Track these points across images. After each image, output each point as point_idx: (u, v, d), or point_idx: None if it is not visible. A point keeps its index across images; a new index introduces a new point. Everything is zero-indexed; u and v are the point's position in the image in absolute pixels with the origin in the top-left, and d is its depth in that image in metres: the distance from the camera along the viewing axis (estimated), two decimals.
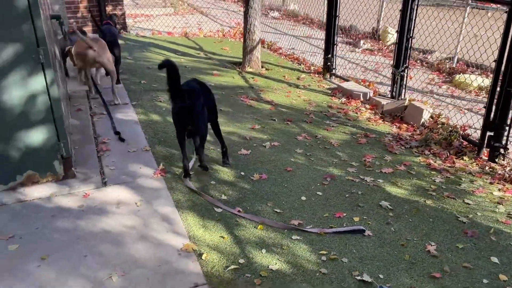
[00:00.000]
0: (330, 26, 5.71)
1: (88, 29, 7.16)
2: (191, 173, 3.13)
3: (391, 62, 4.89)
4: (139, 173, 3.12)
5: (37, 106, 2.71)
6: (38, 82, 2.67)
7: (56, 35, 3.92)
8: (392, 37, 8.07)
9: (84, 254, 2.32)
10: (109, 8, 7.59)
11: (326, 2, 5.77)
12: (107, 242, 2.41)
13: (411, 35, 4.48)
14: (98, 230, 2.51)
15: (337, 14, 5.60)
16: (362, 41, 8.35)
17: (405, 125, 4.36)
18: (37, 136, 2.78)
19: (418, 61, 7.17)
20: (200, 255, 2.35)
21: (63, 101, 3.12)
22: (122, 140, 3.60)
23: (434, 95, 5.47)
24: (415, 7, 4.38)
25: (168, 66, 2.72)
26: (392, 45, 7.96)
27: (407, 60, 4.62)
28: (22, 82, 2.62)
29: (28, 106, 2.69)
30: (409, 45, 4.55)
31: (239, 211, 2.75)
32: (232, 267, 2.27)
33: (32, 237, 2.44)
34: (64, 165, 2.94)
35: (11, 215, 2.63)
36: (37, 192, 2.84)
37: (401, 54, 4.60)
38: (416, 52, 7.53)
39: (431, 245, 2.54)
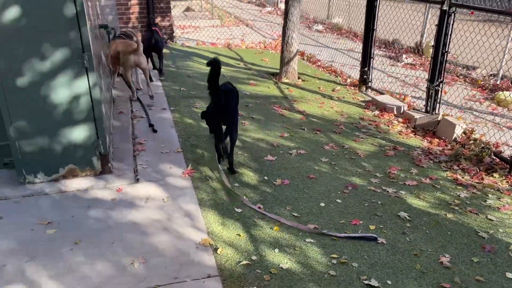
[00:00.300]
0: (368, 39, 5.76)
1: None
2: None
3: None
4: (169, 172, 3.34)
5: (80, 106, 3.00)
6: (82, 85, 2.95)
7: (103, 43, 4.26)
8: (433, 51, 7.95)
9: (111, 242, 2.54)
10: (158, 19, 8.03)
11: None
12: (133, 232, 2.62)
13: (446, 49, 4.46)
14: (126, 221, 2.73)
15: (375, 28, 5.65)
16: (404, 56, 8.28)
17: (437, 140, 4.33)
18: (78, 133, 3.06)
19: (461, 77, 7.02)
20: (216, 249, 2.50)
21: (105, 104, 3.41)
22: (155, 131, 4.04)
23: (474, 111, 5.36)
24: (451, 22, 4.36)
25: (213, 65, 3.01)
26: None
27: (442, 75, 4.59)
28: (68, 84, 2.91)
29: (72, 105, 2.98)
30: (444, 60, 4.52)
31: (259, 207, 2.89)
32: (244, 262, 2.40)
33: (68, 224, 2.70)
34: (101, 161, 3.21)
35: (52, 203, 2.91)
36: (76, 184, 3.12)
37: (436, 69, 4.57)
38: (460, 68, 7.38)
39: (445, 257, 2.55)
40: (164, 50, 5.66)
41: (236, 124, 3.38)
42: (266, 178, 3.37)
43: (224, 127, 3.37)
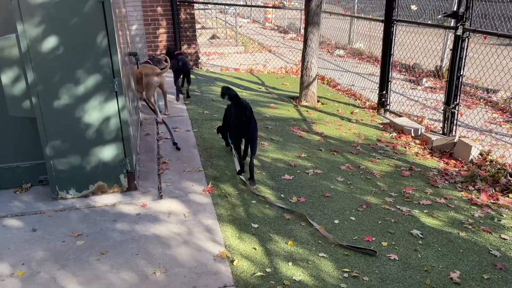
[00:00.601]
0: (385, 63, 5.91)
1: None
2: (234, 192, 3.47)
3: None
4: (190, 189, 3.53)
5: (110, 127, 3.24)
6: (111, 107, 3.20)
7: (131, 68, 4.56)
8: None
9: (135, 253, 2.72)
10: (184, 47, 8.42)
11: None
12: (156, 244, 2.79)
13: (461, 73, 4.56)
14: (149, 234, 2.91)
15: (392, 53, 5.80)
16: (424, 79, 8.36)
17: (453, 161, 4.39)
18: (108, 152, 3.30)
19: (482, 100, 7.04)
20: (232, 261, 2.64)
21: (133, 125, 3.65)
22: (178, 149, 4.36)
23: (493, 133, 5.38)
24: (465, 46, 4.47)
25: (229, 94, 3.57)
26: None
27: (458, 98, 4.67)
28: (99, 106, 3.17)
29: (103, 126, 3.22)
30: (460, 83, 4.61)
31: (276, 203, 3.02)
32: (259, 274, 2.53)
33: (95, 236, 2.90)
34: (128, 179, 3.43)
35: (81, 217, 3.13)
36: (104, 200, 3.34)
37: (452, 92, 4.67)
38: (480, 91, 7.40)
39: (455, 273, 2.61)
40: (191, 75, 6.08)
41: (256, 137, 3.73)
42: (282, 195, 3.51)
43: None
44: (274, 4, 19.96)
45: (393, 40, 5.77)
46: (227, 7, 15.58)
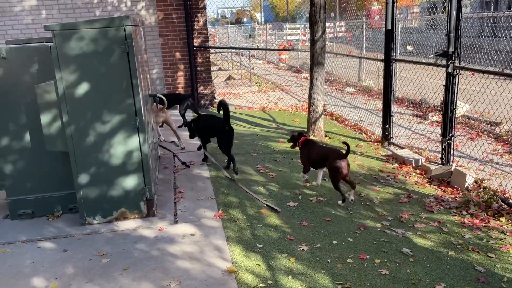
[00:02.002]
0: (387, 99, 6.30)
1: None
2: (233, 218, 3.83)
3: (457, 133, 5.24)
4: (203, 215, 3.90)
5: (132, 159, 3.69)
6: (134, 142, 3.66)
7: (151, 108, 5.07)
8: (461, 109, 8.33)
9: (153, 268, 3.08)
10: (200, 88, 9.02)
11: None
12: (171, 261, 3.15)
13: (454, 107, 4.91)
14: (166, 253, 3.28)
15: (392, 89, 6.20)
16: (430, 114, 8.70)
17: (450, 189, 4.66)
18: (130, 182, 3.73)
19: (485, 132, 7.31)
20: (238, 275, 2.97)
21: (152, 159, 4.10)
22: (188, 166, 5.20)
23: (493, 163, 5.63)
24: (456, 82, 4.85)
25: (223, 106, 4.73)
26: (460, 117, 8.21)
27: (453, 130, 5.00)
28: (123, 141, 3.63)
29: (126, 158, 3.67)
30: (454, 116, 4.96)
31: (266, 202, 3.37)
32: (261, 285, 2.86)
33: (118, 255, 3.28)
34: (147, 206, 3.83)
35: (106, 240, 3.52)
36: (126, 225, 3.73)
37: (447, 124, 5.00)
38: (484, 124, 7.69)
39: (440, 285, 2.87)
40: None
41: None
42: (286, 220, 3.85)
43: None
44: (285, 46, 20.79)
45: (392, 78, 6.19)
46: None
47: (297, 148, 4.70)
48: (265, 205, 4.13)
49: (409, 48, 8.40)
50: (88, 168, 3.63)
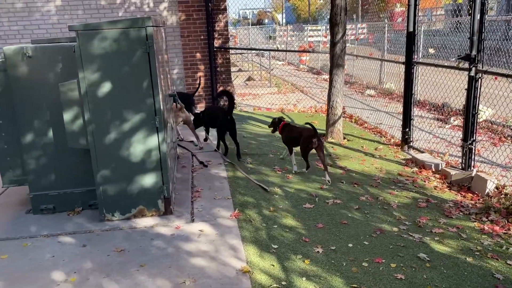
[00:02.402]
0: (407, 102, 6.22)
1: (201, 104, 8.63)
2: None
3: (479, 137, 5.15)
4: (219, 214, 3.94)
5: (151, 158, 3.75)
6: (153, 141, 3.72)
7: (171, 108, 5.14)
8: (483, 114, 8.16)
9: (169, 265, 3.12)
10: (220, 88, 9.07)
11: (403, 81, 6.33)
12: (186, 259, 3.19)
13: (476, 111, 4.82)
14: (181, 250, 3.32)
15: (413, 92, 6.12)
16: (452, 118, 8.55)
17: (470, 195, 4.58)
18: (148, 180, 3.79)
19: (508, 138, 7.15)
20: (252, 275, 2.99)
21: (170, 158, 4.15)
22: (206, 166, 5.24)
23: None
24: (479, 86, 4.76)
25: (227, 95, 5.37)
26: (483, 122, 8.05)
27: (474, 134, 4.91)
28: (142, 140, 3.70)
29: (145, 157, 3.73)
30: (475, 120, 4.87)
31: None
32: (275, 285, 2.87)
33: (136, 251, 3.34)
34: (165, 204, 3.89)
35: (124, 236, 3.59)
36: (144, 222, 3.79)
37: (468, 129, 4.92)
38: (507, 129, 7.52)
39: None
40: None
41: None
42: (302, 221, 3.85)
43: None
44: (305, 48, 20.73)
45: (413, 80, 6.11)
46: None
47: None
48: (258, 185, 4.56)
49: (431, 50, 8.27)
50: (108, 165, 3.70)
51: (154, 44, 3.57)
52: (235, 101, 5.29)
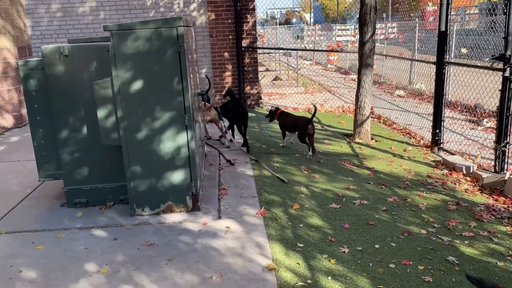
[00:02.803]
0: (438, 103, 6.11)
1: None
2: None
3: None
4: (245, 212, 3.98)
5: (180, 155, 3.83)
6: (182, 138, 3.80)
7: (199, 106, 5.22)
8: None
9: (196, 260, 3.19)
10: (247, 88, 9.14)
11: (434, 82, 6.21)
12: (213, 255, 3.25)
13: (510, 113, 4.69)
14: (208, 246, 3.38)
15: (444, 93, 6.00)
16: (485, 120, 8.32)
17: (503, 198, 4.46)
18: (177, 176, 3.87)
19: None
20: (277, 272, 3.02)
21: (198, 155, 4.23)
22: (232, 164, 5.30)
23: None
24: None
25: (230, 94, 5.68)
26: None
27: (508, 136, 4.78)
28: (172, 137, 3.78)
29: (174, 154, 3.82)
30: (509, 122, 4.74)
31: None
32: (300, 284, 2.88)
33: (164, 246, 3.42)
34: (193, 200, 3.96)
35: (153, 231, 3.68)
36: (172, 218, 3.88)
37: (502, 131, 4.79)
38: None
39: None
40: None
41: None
42: (328, 221, 3.85)
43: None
44: (333, 47, 20.57)
45: (445, 81, 5.99)
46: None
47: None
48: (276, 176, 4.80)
49: (464, 50, 8.07)
50: (138, 161, 3.81)
51: (185, 44, 3.64)
52: (236, 97, 6.01)
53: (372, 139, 6.67)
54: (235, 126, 6.15)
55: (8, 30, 7.38)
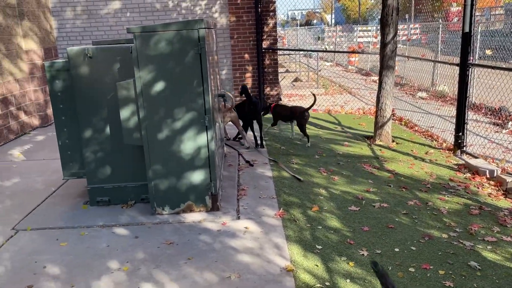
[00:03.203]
0: (461, 105, 6.00)
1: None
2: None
3: None
4: (264, 213, 4.00)
5: (200, 155, 3.87)
6: (202, 139, 3.84)
7: (219, 107, 5.26)
8: None
9: (215, 260, 3.22)
10: (267, 89, 9.16)
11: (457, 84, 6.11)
12: (232, 255, 3.28)
13: None
14: (227, 246, 3.41)
15: (467, 95, 5.89)
16: (510, 123, 8.13)
17: None
18: (197, 176, 3.92)
19: None
20: (295, 274, 3.02)
21: (218, 156, 4.27)
22: (251, 165, 5.35)
23: None
24: None
25: (245, 91, 5.74)
26: None
27: None
28: (193, 138, 3.83)
29: (194, 154, 3.86)
30: None
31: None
32: (318, 285, 2.88)
33: (184, 245, 3.47)
34: (212, 200, 4.00)
35: (173, 230, 3.74)
36: (192, 217, 3.93)
37: None
38: None
39: None
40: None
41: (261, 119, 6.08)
42: (347, 224, 3.83)
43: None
44: (354, 48, 20.40)
45: (468, 83, 5.88)
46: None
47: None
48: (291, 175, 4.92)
49: (488, 52, 7.90)
50: (159, 161, 3.87)
51: (206, 46, 3.69)
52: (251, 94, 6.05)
53: (393, 141, 6.60)
54: (255, 126, 6.16)
55: (35, 32, 7.59)
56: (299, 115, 6.24)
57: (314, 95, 6.50)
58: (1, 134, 6.57)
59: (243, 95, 5.96)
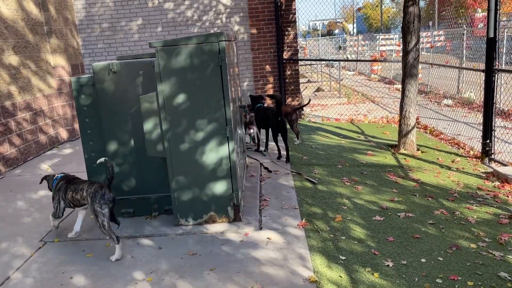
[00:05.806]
0: (488, 112, 5.86)
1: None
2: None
3: None
4: (286, 223, 3.98)
5: (222, 166, 3.90)
6: (224, 150, 3.87)
7: (241, 118, 5.30)
8: None
9: (238, 271, 3.22)
10: (288, 99, 9.16)
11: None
12: (255, 265, 3.27)
13: None
14: (250, 257, 3.40)
15: (494, 102, 5.75)
16: None
17: None
18: (219, 187, 3.94)
19: None
20: (319, 285, 2.98)
21: (239, 166, 4.28)
22: (270, 171, 5.38)
23: None
24: None
25: (277, 99, 5.60)
26: None
27: None
28: (214, 149, 3.86)
29: (216, 165, 3.89)
30: None
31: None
32: None
33: (207, 255, 3.48)
34: (234, 211, 4.01)
35: (196, 240, 3.76)
36: (214, 228, 3.94)
37: None
38: None
39: None
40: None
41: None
42: (371, 234, 3.77)
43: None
44: (377, 57, 20.23)
45: (495, 89, 5.74)
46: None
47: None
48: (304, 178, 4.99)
49: None
50: (182, 172, 3.91)
51: (226, 58, 3.73)
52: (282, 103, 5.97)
53: (418, 149, 6.48)
54: (279, 135, 6.08)
55: (63, 49, 7.85)
56: (289, 114, 6.76)
57: (309, 99, 7.68)
58: (30, 148, 6.79)
59: (274, 102, 6.00)
